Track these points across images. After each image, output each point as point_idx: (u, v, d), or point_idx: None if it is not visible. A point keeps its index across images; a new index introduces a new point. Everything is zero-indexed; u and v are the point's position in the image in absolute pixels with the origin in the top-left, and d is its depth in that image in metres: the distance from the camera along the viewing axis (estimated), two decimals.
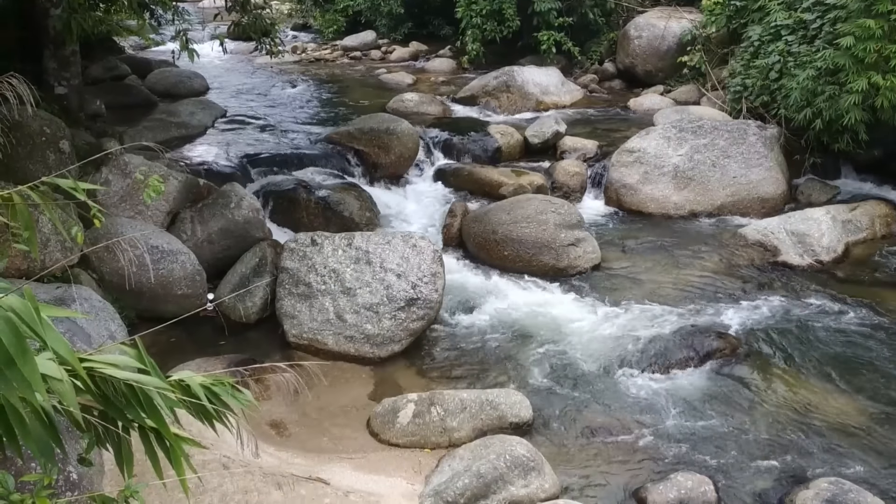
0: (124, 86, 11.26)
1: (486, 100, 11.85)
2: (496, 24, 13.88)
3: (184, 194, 6.62)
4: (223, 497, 3.66)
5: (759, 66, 9.26)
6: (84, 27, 6.92)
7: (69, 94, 7.87)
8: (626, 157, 8.47)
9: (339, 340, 5.62)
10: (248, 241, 6.44)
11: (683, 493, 4.11)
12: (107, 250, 5.42)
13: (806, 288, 6.54)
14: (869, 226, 7.49)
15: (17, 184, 1.92)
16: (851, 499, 3.91)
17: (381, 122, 9.03)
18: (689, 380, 5.27)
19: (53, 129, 5.96)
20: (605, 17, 14.26)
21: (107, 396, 1.60)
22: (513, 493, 4.05)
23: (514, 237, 6.87)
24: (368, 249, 5.86)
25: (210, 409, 1.74)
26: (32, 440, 1.50)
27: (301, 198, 7.50)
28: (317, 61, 16.48)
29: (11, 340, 1.35)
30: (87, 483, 3.15)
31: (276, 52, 8.29)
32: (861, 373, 5.32)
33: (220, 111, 10.86)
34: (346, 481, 4.14)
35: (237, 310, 5.97)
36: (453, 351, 5.73)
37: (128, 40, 14.85)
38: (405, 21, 17.63)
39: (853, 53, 7.37)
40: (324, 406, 4.99)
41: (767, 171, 8.30)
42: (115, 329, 4.82)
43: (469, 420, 4.65)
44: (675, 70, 12.14)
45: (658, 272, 6.83)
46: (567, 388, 5.22)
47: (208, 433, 2.06)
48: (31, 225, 1.89)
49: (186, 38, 6.78)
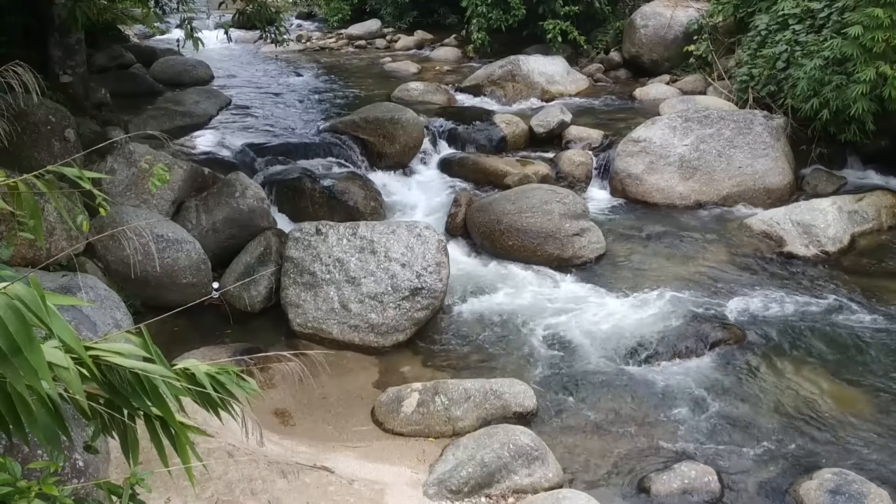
0: (129, 74, 11.25)
1: (492, 89, 11.80)
2: (502, 13, 13.81)
3: (189, 183, 6.62)
4: (228, 485, 3.68)
5: (766, 55, 9.20)
6: (89, 15, 6.91)
7: (74, 83, 7.87)
8: (631, 146, 8.44)
9: (343, 330, 5.64)
10: (252, 231, 6.44)
11: (687, 482, 4.12)
12: (112, 239, 5.43)
13: (811, 279, 6.52)
14: (875, 216, 7.45)
15: (22, 172, 1.92)
16: (855, 489, 3.92)
17: (385, 112, 9.00)
18: (694, 370, 5.28)
19: (59, 118, 5.96)
20: (611, 6, 14.18)
21: (112, 384, 1.61)
22: (516, 482, 4.07)
23: (519, 227, 6.86)
24: (373, 239, 5.86)
25: (215, 397, 1.75)
26: (39, 428, 1.50)
27: (306, 187, 7.50)
28: (321, 50, 16.43)
29: (18, 328, 1.36)
30: (93, 470, 3.17)
31: (281, 40, 8.27)
32: (866, 364, 5.31)
33: (224, 100, 10.84)
34: (351, 470, 4.15)
35: (242, 299, 5.99)
36: (457, 340, 5.74)
37: (133, 29, 14.82)
38: (410, 10, 17.56)
39: (861, 43, 7.32)
40: (328, 395, 5.01)
41: (773, 162, 8.26)
42: (120, 317, 4.83)
43: (473, 409, 4.66)
44: (681, 59, 12.07)
45: (663, 262, 6.82)
46: (571, 377, 5.22)
47: (213, 421, 2.07)
48: (37, 213, 1.89)
49: (191, 27, 6.76)
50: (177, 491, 3.50)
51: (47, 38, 7.65)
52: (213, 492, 3.63)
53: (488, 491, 4.03)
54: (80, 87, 8.00)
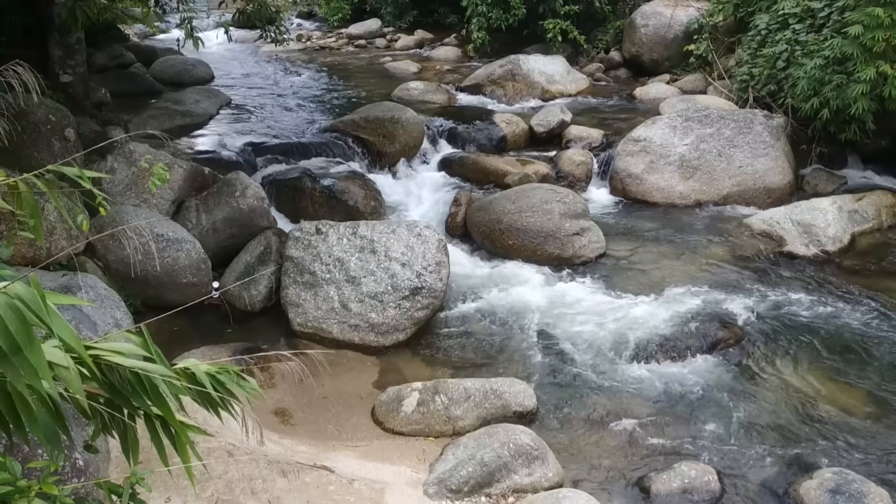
0: (129, 74, 11.25)
1: (492, 88, 11.80)
2: (502, 13, 13.81)
3: (189, 183, 6.62)
4: (228, 484, 3.68)
5: (766, 54, 9.20)
6: (89, 15, 6.90)
7: (74, 82, 7.87)
8: (631, 146, 8.43)
9: (343, 329, 5.64)
10: (253, 230, 6.45)
11: (687, 482, 4.12)
12: (112, 238, 5.43)
13: (811, 278, 6.52)
14: (875, 216, 7.45)
15: (22, 172, 1.92)
16: (855, 489, 3.92)
17: (385, 111, 9.00)
18: (694, 370, 5.27)
19: (59, 118, 5.96)
20: (612, 6, 14.18)
21: (112, 384, 1.61)
22: (516, 481, 4.07)
23: (519, 226, 6.86)
24: (373, 238, 5.86)
25: (215, 396, 1.75)
26: (39, 427, 1.50)
27: (306, 186, 7.49)
28: (322, 49, 16.43)
29: (18, 328, 1.36)
30: (93, 469, 3.17)
31: (281, 40, 8.27)
32: (866, 363, 5.30)
33: (224, 99, 10.85)
34: (351, 469, 4.16)
35: (242, 298, 5.99)
36: (458, 340, 5.74)
37: (133, 28, 14.82)
38: (410, 9, 17.57)
39: (861, 42, 7.32)
40: (328, 394, 5.01)
41: (773, 161, 8.26)
42: (120, 317, 4.83)
43: (473, 409, 4.66)
44: (681, 59, 12.07)
45: (663, 262, 6.82)
46: (571, 377, 5.22)
47: (213, 421, 2.07)
48: (37, 213, 1.89)
49: (191, 26, 6.75)
50: (177, 490, 3.50)
51: (47, 38, 7.65)
52: (213, 491, 3.63)
53: (488, 490, 4.03)
54: (80, 86, 8.00)
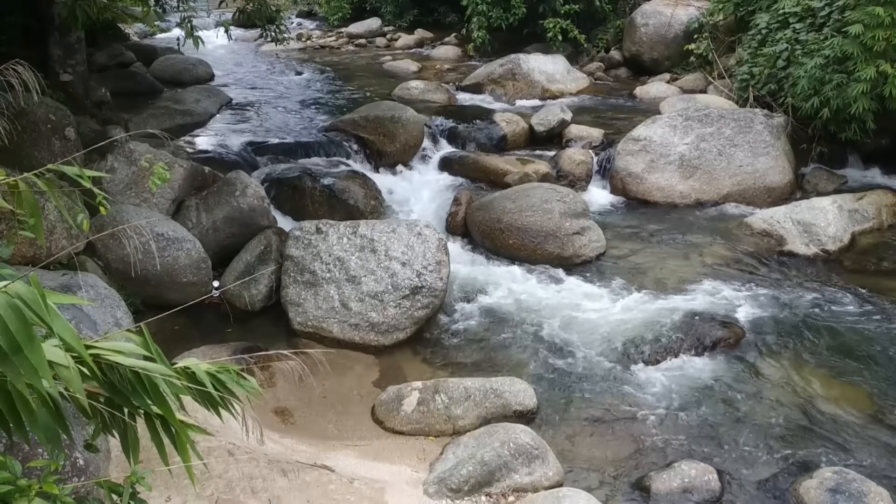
0: (129, 73, 11.26)
1: (492, 87, 11.81)
2: (502, 12, 13.82)
3: (189, 182, 6.62)
4: (228, 483, 3.68)
5: (767, 54, 9.20)
6: (89, 14, 6.90)
7: (74, 82, 7.87)
8: (631, 145, 8.43)
9: (343, 328, 5.64)
10: (253, 229, 6.45)
11: (687, 481, 4.12)
12: (112, 238, 5.43)
13: (812, 277, 6.52)
14: (876, 215, 7.45)
15: (22, 171, 1.92)
16: (855, 488, 3.91)
17: (386, 110, 9.00)
18: (694, 369, 5.27)
19: (59, 117, 5.96)
20: (612, 5, 14.19)
21: (113, 383, 1.61)
22: (516, 480, 4.07)
23: (520, 226, 6.86)
24: (373, 237, 5.86)
25: (215, 396, 1.75)
26: (39, 426, 1.51)
27: (306, 186, 7.49)
28: (322, 49, 16.44)
29: (18, 327, 1.36)
30: (93, 469, 3.17)
31: (281, 39, 8.28)
32: (867, 363, 5.30)
33: (225, 98, 10.85)
34: (351, 468, 4.16)
35: (242, 297, 5.99)
36: (458, 339, 5.74)
37: (133, 27, 14.82)
38: (410, 8, 17.58)
39: (862, 41, 7.32)
40: (328, 393, 5.01)
41: (774, 160, 8.26)
42: (120, 316, 4.83)
43: (473, 408, 4.66)
44: (681, 58, 12.07)
45: (663, 261, 6.82)
46: (571, 376, 5.23)
47: (213, 420, 2.07)
48: (37, 212, 1.90)
49: (192, 25, 6.76)
50: (177, 489, 3.51)
51: (47, 37, 7.65)
52: (214, 490, 3.63)
53: (488, 489, 4.03)
54: (81, 85, 8.00)
